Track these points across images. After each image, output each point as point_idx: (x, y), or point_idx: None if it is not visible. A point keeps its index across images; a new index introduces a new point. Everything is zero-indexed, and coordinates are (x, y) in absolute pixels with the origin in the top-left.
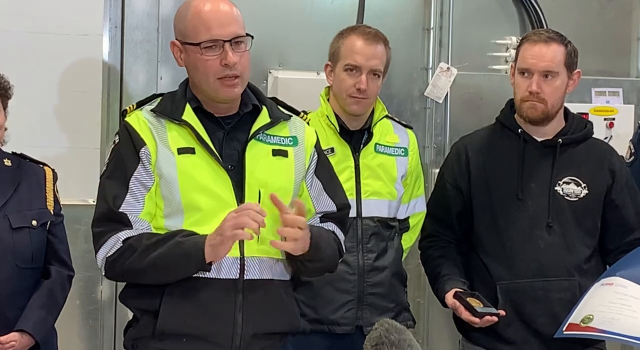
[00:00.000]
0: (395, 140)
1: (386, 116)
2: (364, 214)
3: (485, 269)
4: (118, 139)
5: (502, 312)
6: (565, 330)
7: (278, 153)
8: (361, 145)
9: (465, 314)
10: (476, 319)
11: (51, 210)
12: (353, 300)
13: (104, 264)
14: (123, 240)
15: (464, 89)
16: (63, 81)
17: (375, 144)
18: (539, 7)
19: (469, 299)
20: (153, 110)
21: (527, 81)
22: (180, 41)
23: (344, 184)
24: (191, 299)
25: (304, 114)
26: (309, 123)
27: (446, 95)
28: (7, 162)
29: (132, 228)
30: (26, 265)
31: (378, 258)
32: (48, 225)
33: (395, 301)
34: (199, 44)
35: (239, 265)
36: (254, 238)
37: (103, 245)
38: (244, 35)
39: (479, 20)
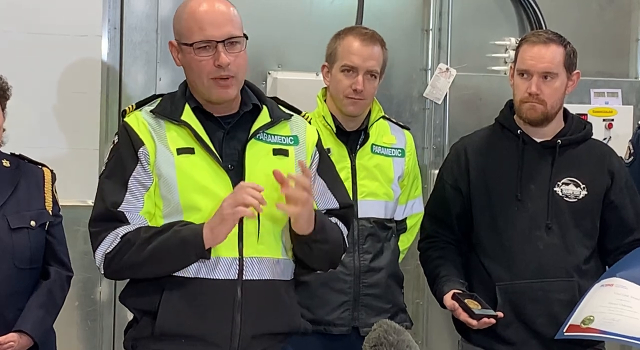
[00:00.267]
0: (392, 141)
1: (383, 117)
2: (360, 215)
3: (484, 269)
4: (117, 139)
5: (500, 314)
6: (566, 331)
7: (279, 152)
8: (357, 146)
9: (462, 316)
10: (473, 321)
11: (50, 211)
12: (349, 301)
13: (103, 261)
14: (121, 235)
15: (463, 90)
16: (62, 82)
17: (372, 144)
18: (538, 8)
19: (466, 301)
20: (152, 111)
21: (527, 82)
22: (177, 41)
23: None
24: (190, 299)
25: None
26: (310, 122)
27: (445, 96)
28: (6, 163)
29: (130, 224)
30: (25, 266)
31: (374, 259)
32: (47, 226)
33: (392, 302)
34: (192, 45)
35: (237, 266)
36: (255, 216)
37: (101, 243)
38: (239, 36)
39: (478, 21)
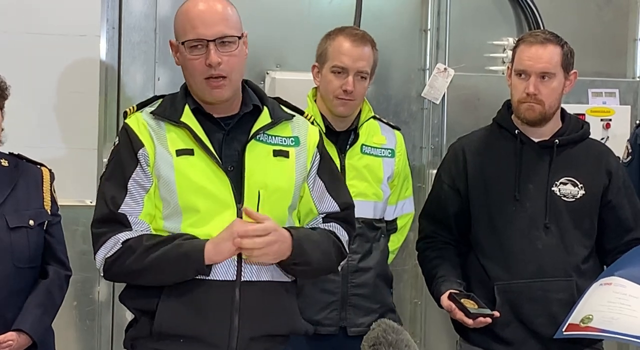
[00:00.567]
0: (382, 142)
1: (373, 117)
2: None
3: (482, 269)
4: (118, 141)
5: (497, 313)
6: (565, 330)
7: (279, 153)
8: (347, 146)
9: (458, 315)
10: (469, 320)
11: (48, 211)
12: (337, 301)
13: (103, 265)
14: (122, 241)
15: (461, 90)
16: (60, 82)
17: (362, 145)
18: (536, 9)
19: (463, 300)
20: (153, 112)
21: (524, 83)
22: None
23: None
24: (188, 300)
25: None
26: (312, 122)
27: (443, 96)
28: (4, 163)
29: (132, 229)
30: (23, 265)
31: (362, 259)
32: (45, 225)
33: (380, 302)
34: (184, 43)
35: (236, 267)
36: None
37: (102, 246)
38: (232, 35)
39: (476, 21)
